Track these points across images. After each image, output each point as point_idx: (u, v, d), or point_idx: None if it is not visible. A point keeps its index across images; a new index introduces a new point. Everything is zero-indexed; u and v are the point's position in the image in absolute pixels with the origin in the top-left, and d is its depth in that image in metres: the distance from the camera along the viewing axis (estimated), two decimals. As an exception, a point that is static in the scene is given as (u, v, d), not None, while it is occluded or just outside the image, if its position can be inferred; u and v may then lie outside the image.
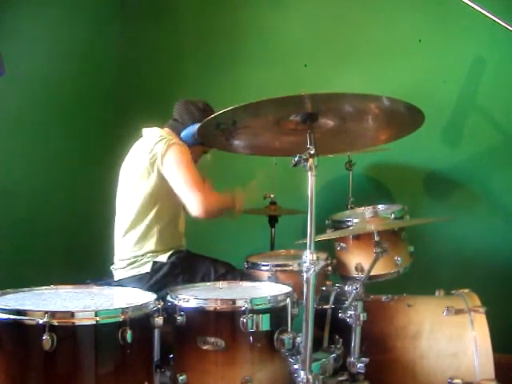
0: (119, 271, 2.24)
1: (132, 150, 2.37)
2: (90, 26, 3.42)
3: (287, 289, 1.77)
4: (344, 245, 2.20)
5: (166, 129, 2.38)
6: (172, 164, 2.16)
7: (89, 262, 2.94)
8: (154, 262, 2.18)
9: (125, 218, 2.26)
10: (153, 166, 2.17)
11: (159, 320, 1.50)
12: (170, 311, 1.60)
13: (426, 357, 1.86)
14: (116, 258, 2.29)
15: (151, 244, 2.20)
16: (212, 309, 1.61)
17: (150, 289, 1.94)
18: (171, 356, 1.66)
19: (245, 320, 1.54)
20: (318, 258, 1.49)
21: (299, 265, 2.17)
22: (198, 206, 2.09)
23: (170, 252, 2.21)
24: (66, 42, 3.20)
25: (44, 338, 1.27)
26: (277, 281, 2.13)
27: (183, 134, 2.34)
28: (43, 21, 3.08)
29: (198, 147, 2.41)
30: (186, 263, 2.21)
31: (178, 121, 2.40)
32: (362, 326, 1.86)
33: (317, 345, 1.91)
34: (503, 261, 2.70)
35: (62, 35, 3.19)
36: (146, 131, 2.37)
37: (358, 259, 2.13)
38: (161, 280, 2.13)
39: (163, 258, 2.19)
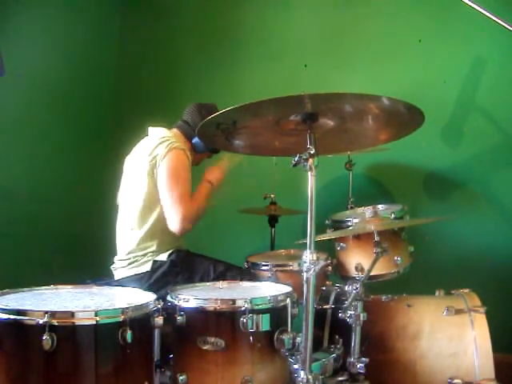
0: (119, 270, 2.24)
1: (136, 148, 2.36)
2: (90, 26, 3.42)
3: (287, 289, 1.77)
4: (344, 245, 2.20)
5: (175, 130, 2.38)
6: (165, 171, 2.16)
7: (89, 262, 2.94)
8: (154, 261, 2.18)
9: (128, 219, 2.26)
10: (153, 168, 2.18)
11: (159, 320, 1.50)
12: (169, 311, 1.60)
13: (426, 357, 1.86)
14: (116, 258, 2.29)
15: (153, 244, 2.20)
16: (212, 309, 1.60)
17: (150, 287, 1.95)
18: (171, 356, 1.66)
19: (245, 320, 1.54)
20: (318, 258, 1.49)
21: (299, 265, 2.17)
22: (177, 225, 2.13)
23: (170, 251, 2.22)
24: (66, 41, 3.21)
25: (44, 338, 1.27)
26: (277, 281, 2.13)
27: (195, 140, 2.33)
28: (43, 21, 3.09)
29: (205, 154, 2.42)
30: (185, 262, 2.21)
31: (188, 123, 2.37)
32: (361, 326, 1.86)
33: (317, 345, 1.91)
34: (503, 261, 2.70)
35: (62, 35, 3.20)
36: (151, 130, 2.35)
37: (357, 259, 2.12)
38: (160, 278, 2.14)
39: (163, 256, 2.20)
